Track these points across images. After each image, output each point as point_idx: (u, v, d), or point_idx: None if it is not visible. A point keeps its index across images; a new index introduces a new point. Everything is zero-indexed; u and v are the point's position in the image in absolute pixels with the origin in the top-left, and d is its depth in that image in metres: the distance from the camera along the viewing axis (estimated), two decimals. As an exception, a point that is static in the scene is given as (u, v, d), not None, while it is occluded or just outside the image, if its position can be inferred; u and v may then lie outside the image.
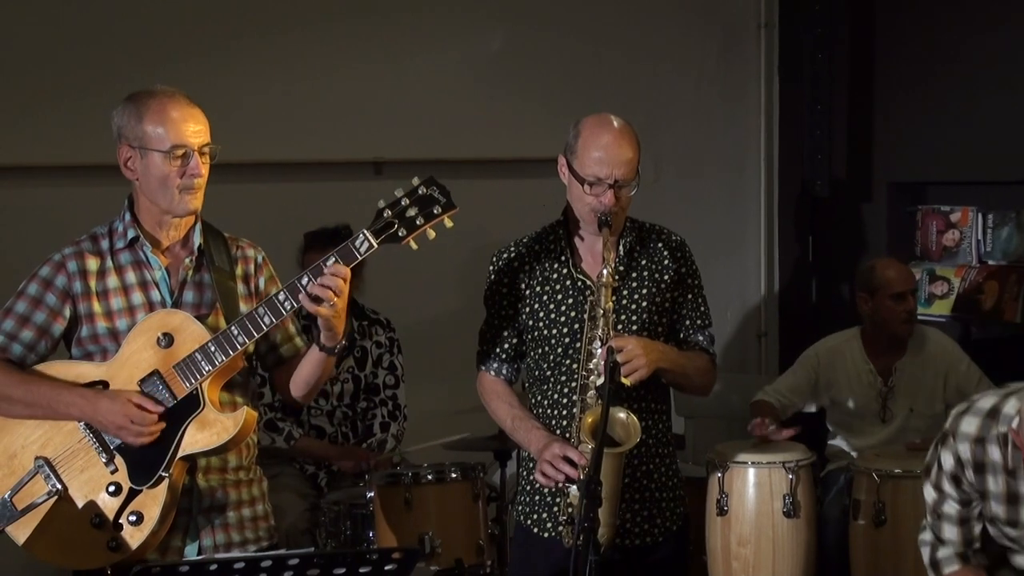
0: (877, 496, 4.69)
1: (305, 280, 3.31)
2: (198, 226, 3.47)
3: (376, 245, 3.30)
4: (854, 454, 5.20)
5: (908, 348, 5.33)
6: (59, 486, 3.35)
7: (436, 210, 3.33)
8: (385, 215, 3.31)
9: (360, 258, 3.31)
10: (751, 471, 4.52)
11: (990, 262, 6.12)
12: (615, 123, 3.64)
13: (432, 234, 3.36)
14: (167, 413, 3.33)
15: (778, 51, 6.86)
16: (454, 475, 4.63)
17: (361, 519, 4.71)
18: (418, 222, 3.32)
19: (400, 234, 3.31)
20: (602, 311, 3.54)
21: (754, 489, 4.51)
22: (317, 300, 3.28)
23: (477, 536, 4.64)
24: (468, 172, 5.82)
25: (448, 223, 3.35)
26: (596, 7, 6.43)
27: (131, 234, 3.43)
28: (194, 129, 3.36)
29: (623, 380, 3.42)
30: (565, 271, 3.71)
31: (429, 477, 4.61)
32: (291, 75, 5.81)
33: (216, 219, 3.58)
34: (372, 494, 4.62)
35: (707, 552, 4.61)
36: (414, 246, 3.34)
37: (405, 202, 3.32)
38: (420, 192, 3.32)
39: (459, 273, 5.66)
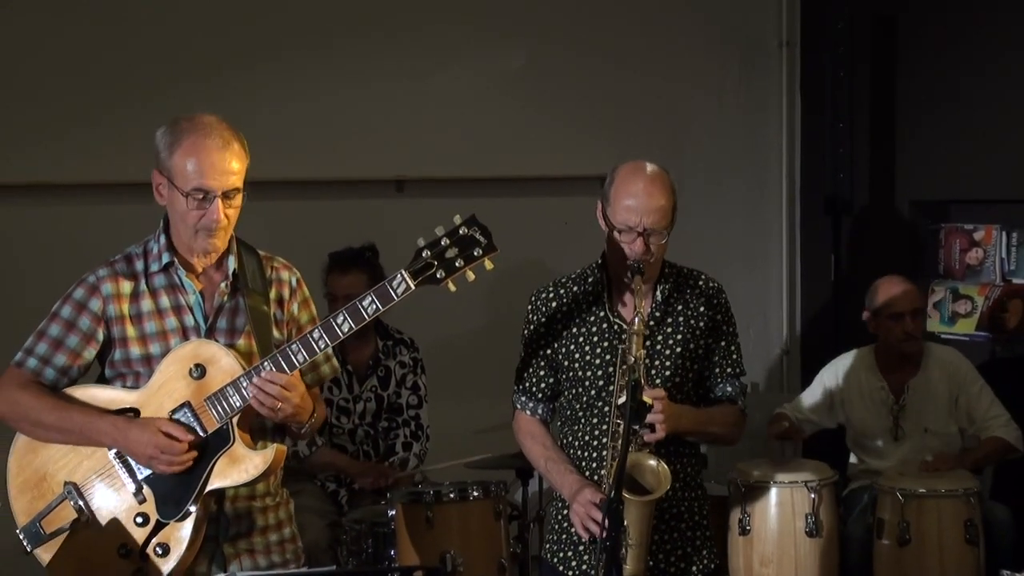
0: (902, 515, 4.66)
1: (340, 319, 3.24)
2: (233, 247, 3.42)
3: (414, 287, 3.22)
4: (878, 473, 5.17)
5: (921, 366, 5.28)
6: (87, 513, 3.32)
7: (476, 252, 3.23)
8: (424, 255, 3.22)
9: (397, 300, 3.24)
10: (773, 490, 4.51)
11: (1014, 280, 6.09)
12: (648, 170, 3.62)
13: (471, 276, 3.26)
14: (196, 445, 3.28)
15: (799, 69, 6.86)
16: (476, 493, 4.62)
17: (383, 537, 4.71)
18: (457, 264, 3.22)
19: (438, 276, 3.22)
20: (633, 358, 3.51)
21: (776, 508, 4.50)
22: (261, 405, 3.23)
23: (499, 554, 4.63)
24: (490, 190, 5.82)
25: (488, 265, 3.25)
26: (618, 25, 6.44)
27: (166, 258, 3.38)
28: (222, 172, 3.27)
29: (644, 398, 3.39)
30: (602, 314, 3.71)
31: (451, 495, 4.60)
32: (312, 93, 5.84)
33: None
34: (394, 512, 4.61)
35: (729, 572, 4.60)
36: (452, 288, 3.24)
37: (445, 242, 3.22)
38: (461, 232, 3.22)
39: (483, 293, 5.63)
